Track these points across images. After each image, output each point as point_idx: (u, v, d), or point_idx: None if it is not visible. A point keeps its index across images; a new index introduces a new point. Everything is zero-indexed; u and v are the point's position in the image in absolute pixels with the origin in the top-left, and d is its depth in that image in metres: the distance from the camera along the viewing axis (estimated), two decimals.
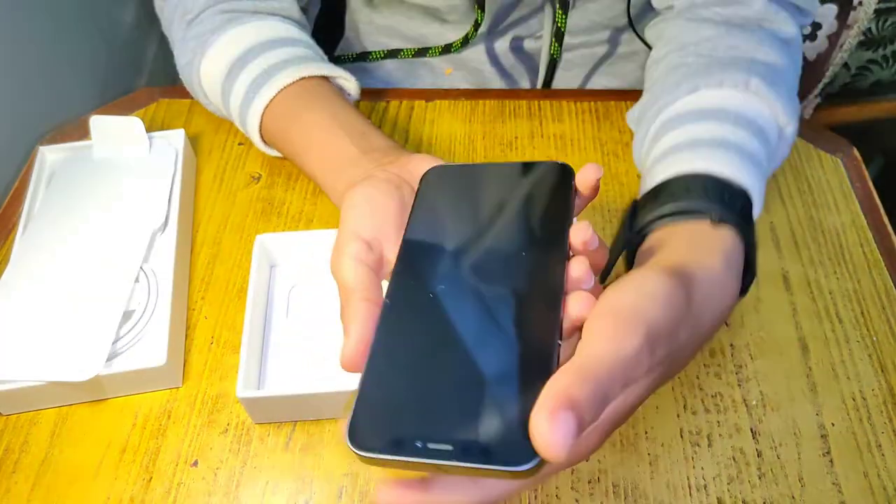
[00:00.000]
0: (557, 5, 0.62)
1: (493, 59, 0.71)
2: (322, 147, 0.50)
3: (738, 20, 0.52)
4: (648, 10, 0.65)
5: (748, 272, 0.42)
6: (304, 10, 0.62)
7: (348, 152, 0.48)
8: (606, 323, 0.30)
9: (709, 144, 0.45)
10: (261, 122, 0.54)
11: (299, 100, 0.53)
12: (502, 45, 0.70)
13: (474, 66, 0.71)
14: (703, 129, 0.46)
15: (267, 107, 0.53)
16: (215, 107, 0.59)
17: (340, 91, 0.57)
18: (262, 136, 0.55)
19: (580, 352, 0.29)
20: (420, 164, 0.42)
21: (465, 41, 0.68)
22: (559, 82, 0.72)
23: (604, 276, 0.49)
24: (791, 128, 0.49)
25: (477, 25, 0.66)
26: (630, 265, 0.44)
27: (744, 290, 0.43)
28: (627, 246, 0.44)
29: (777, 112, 0.48)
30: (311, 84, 0.54)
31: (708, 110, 0.47)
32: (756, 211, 0.44)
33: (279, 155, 0.57)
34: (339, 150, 0.49)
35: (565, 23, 0.63)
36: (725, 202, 0.41)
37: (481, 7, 0.64)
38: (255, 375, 0.47)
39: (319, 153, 0.51)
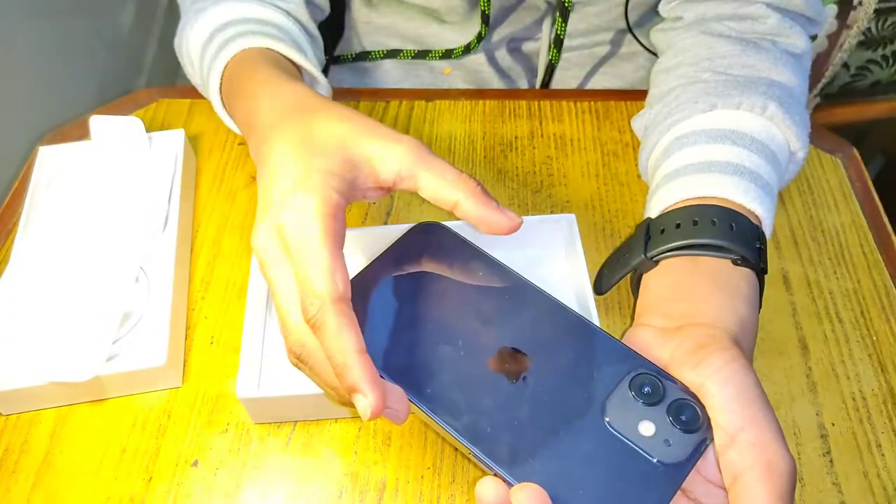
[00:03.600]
0: (557, 13, 0.62)
1: (492, 60, 0.71)
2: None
3: (753, 36, 0.52)
4: (651, 15, 0.65)
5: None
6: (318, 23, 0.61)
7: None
8: (750, 456, 0.31)
9: (724, 169, 0.45)
10: (220, 94, 0.51)
11: (237, 74, 0.49)
12: (501, 47, 0.70)
13: (473, 68, 0.71)
14: (720, 151, 0.46)
15: (221, 78, 0.50)
16: (197, 80, 0.57)
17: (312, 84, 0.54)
18: (222, 99, 0.52)
19: None
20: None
21: (467, 50, 0.68)
22: (558, 83, 0.72)
23: (604, 289, 0.49)
24: (802, 153, 0.49)
25: (480, 37, 0.66)
26: (636, 284, 0.44)
27: None
28: (639, 268, 0.44)
29: (791, 138, 0.48)
30: (265, 54, 0.50)
31: (724, 132, 0.47)
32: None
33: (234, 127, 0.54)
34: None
35: (564, 30, 0.63)
36: (746, 240, 0.41)
37: (486, 22, 0.64)
38: (255, 375, 0.47)
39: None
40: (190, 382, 0.49)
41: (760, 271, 0.41)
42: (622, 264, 0.46)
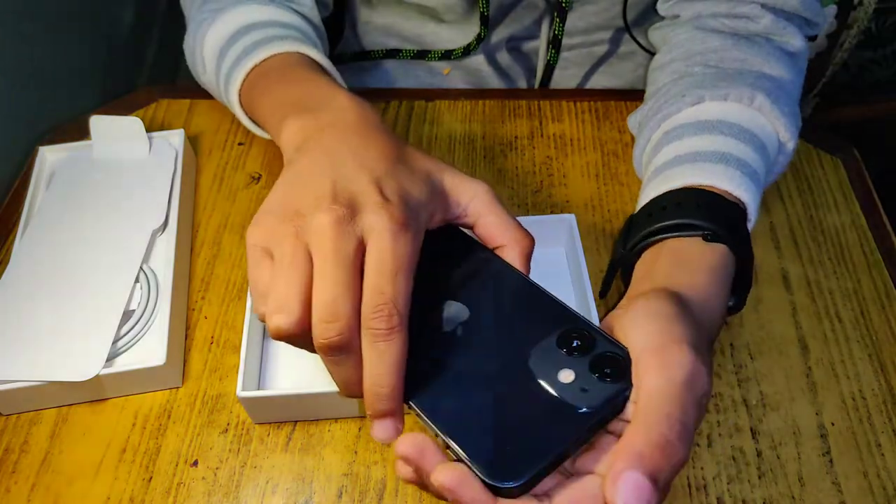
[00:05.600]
0: (555, 13, 0.62)
1: (492, 60, 0.71)
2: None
3: (746, 33, 0.52)
4: (650, 14, 0.65)
5: (745, 284, 0.42)
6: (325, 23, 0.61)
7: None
8: (648, 358, 0.30)
9: (710, 158, 0.45)
10: (241, 87, 0.51)
11: (279, 67, 0.50)
12: (500, 47, 0.70)
13: (473, 67, 0.71)
14: (706, 141, 0.46)
15: (249, 72, 0.51)
16: (208, 78, 0.57)
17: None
18: (240, 99, 0.52)
19: (640, 403, 0.30)
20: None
21: (467, 50, 0.68)
22: (557, 82, 0.72)
23: (603, 292, 0.50)
24: (792, 144, 0.49)
25: (480, 38, 0.66)
26: (626, 280, 0.44)
27: (742, 301, 0.42)
28: (623, 263, 0.44)
29: (779, 128, 0.48)
30: (302, 59, 0.51)
31: (711, 123, 0.47)
32: (751, 225, 0.44)
33: (255, 127, 0.54)
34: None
35: (562, 30, 0.63)
36: (717, 216, 0.41)
37: (485, 23, 0.64)
38: (255, 375, 0.47)
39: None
40: (190, 382, 0.49)
41: (736, 244, 0.41)
42: (611, 264, 0.47)
